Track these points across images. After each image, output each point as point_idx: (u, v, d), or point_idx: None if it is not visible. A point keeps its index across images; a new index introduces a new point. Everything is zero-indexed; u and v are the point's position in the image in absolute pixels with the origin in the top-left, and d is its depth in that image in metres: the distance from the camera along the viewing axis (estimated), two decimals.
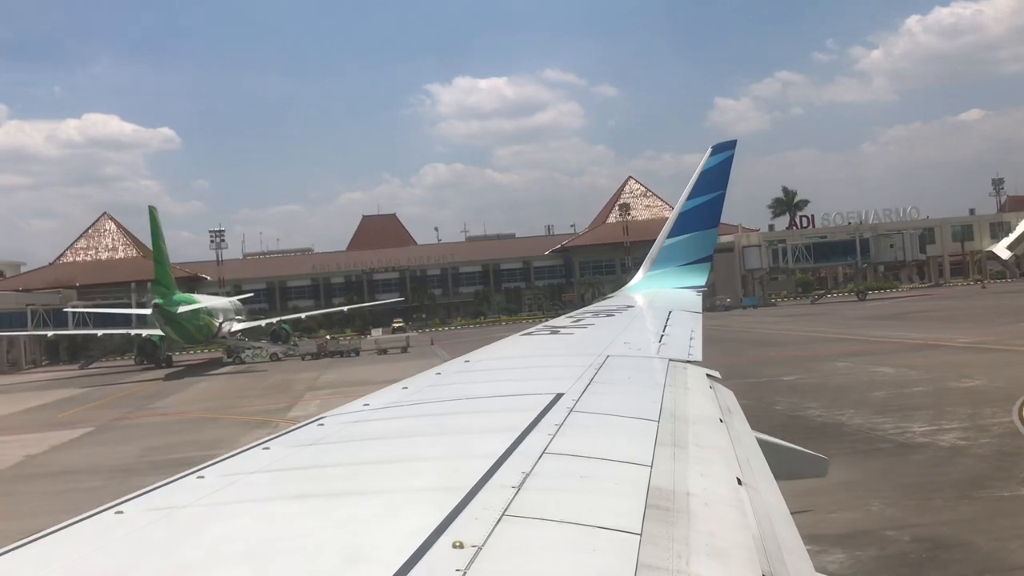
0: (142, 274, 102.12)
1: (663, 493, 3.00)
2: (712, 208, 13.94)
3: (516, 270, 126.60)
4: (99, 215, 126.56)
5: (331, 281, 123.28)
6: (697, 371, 6.30)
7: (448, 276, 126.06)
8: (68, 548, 2.66)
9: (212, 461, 3.64)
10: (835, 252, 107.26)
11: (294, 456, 3.82)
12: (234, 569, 2.41)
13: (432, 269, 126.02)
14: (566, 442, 3.62)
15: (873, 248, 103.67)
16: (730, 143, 14.12)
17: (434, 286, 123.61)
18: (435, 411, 4.93)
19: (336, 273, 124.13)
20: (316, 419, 4.60)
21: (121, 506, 2.99)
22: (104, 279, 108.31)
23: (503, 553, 2.35)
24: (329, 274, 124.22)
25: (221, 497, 3.12)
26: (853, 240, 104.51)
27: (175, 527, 2.83)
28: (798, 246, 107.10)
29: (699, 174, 13.88)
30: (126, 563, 2.52)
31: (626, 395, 5.24)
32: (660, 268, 14.18)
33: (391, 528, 2.62)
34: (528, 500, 2.79)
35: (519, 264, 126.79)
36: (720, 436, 4.23)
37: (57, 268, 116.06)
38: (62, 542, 2.69)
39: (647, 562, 2.36)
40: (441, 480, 3.14)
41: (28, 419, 43.10)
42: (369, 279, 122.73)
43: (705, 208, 13.85)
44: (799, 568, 2.77)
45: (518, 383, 5.85)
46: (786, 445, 5.54)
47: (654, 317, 10.99)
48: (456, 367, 6.92)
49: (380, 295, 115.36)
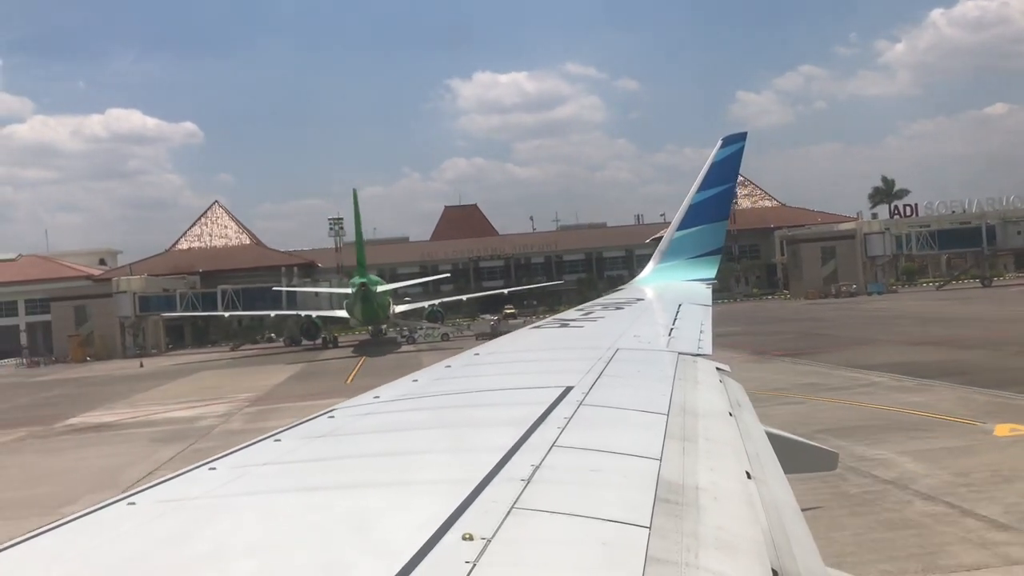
0: (260, 261, 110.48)
1: (672, 487, 3.00)
2: (722, 200, 13.90)
3: (618, 258, 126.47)
4: (211, 203, 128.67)
5: (439, 268, 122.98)
6: (707, 364, 6.29)
7: (552, 264, 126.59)
8: (80, 539, 2.69)
9: (223, 453, 3.66)
10: (961, 239, 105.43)
11: (305, 448, 3.83)
12: (245, 561, 2.42)
13: (536, 257, 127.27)
14: (575, 435, 3.63)
15: (1000, 235, 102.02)
16: (740, 135, 14.05)
17: (537, 273, 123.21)
18: (445, 404, 4.94)
19: (444, 260, 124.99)
20: (327, 411, 4.62)
21: (133, 497, 3.01)
22: (221, 266, 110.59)
23: (512, 545, 2.35)
24: (437, 261, 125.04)
25: (232, 489, 3.13)
26: (979, 227, 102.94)
27: (186, 519, 2.85)
28: (922, 233, 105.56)
29: (709, 166, 13.83)
30: (138, 554, 2.54)
31: (635, 388, 5.24)
32: (670, 261, 14.14)
33: (401, 520, 2.63)
34: (537, 493, 2.79)
35: (621, 252, 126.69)
36: (729, 430, 4.22)
37: (174, 255, 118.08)
38: (75, 533, 2.71)
39: (656, 555, 2.36)
40: (451, 473, 3.15)
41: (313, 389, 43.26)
42: (475, 266, 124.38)
43: (715, 200, 13.80)
44: (808, 562, 2.77)
45: (527, 376, 5.86)
46: (796, 439, 5.53)
47: (664, 310, 10.98)
48: (466, 360, 6.92)
49: (485, 282, 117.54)
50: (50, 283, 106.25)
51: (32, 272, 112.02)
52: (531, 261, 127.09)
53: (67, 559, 2.53)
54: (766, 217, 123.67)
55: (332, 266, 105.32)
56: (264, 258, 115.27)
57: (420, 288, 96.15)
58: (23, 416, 42.68)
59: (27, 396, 56.08)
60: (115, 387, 55.13)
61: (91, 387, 58.39)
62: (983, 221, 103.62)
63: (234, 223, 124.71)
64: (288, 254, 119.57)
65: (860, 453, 19.22)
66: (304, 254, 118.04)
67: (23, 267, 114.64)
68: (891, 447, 19.69)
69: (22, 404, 50.94)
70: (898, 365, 33.31)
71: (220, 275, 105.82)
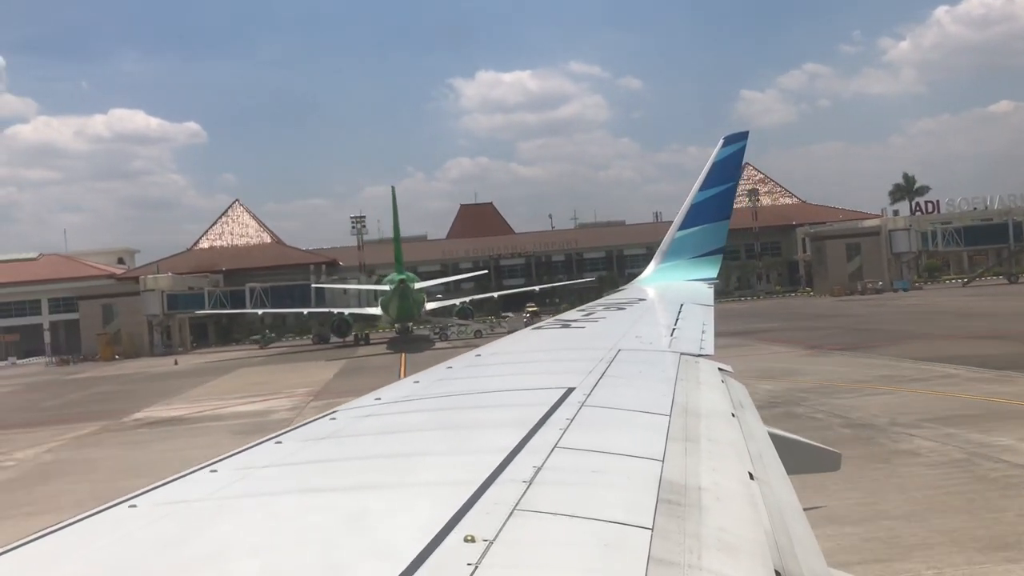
0: (282, 259, 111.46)
1: (674, 488, 2.99)
2: (724, 200, 13.88)
3: (639, 256, 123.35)
4: (231, 202, 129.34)
5: (460, 266, 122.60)
6: (709, 365, 6.28)
7: (572, 262, 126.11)
8: (82, 542, 2.68)
9: (225, 455, 3.66)
10: (987, 235, 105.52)
11: (307, 450, 3.83)
12: (247, 563, 2.42)
13: (556, 255, 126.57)
14: (577, 436, 3.62)
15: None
16: (742, 134, 14.04)
17: (558, 271, 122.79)
18: (446, 405, 4.93)
19: (464, 258, 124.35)
20: (328, 413, 4.61)
21: (134, 500, 3.01)
22: (243, 264, 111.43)
23: (514, 547, 2.35)
24: (457, 259, 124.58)
25: (234, 491, 3.13)
26: (1005, 223, 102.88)
27: (188, 521, 2.84)
28: (948, 229, 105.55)
29: (711, 165, 13.81)
30: (139, 557, 2.53)
31: (637, 389, 5.23)
32: (671, 260, 14.12)
33: (403, 522, 2.62)
34: (540, 494, 2.79)
35: (642, 250, 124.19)
36: (732, 431, 4.21)
37: (196, 254, 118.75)
38: (76, 535, 2.71)
39: (659, 556, 2.35)
40: (452, 474, 3.14)
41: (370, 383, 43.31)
42: (496, 264, 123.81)
43: (717, 200, 13.79)
44: (811, 563, 2.77)
45: (529, 377, 5.85)
46: (798, 439, 5.52)
47: (666, 310, 10.96)
48: (467, 361, 6.91)
49: (506, 280, 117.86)
50: (73, 282, 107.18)
51: (55, 271, 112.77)
52: (551, 259, 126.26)
53: (68, 562, 2.53)
54: (787, 214, 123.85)
55: (353, 264, 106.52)
56: (285, 256, 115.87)
57: (442, 287, 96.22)
58: (85, 411, 42.90)
59: (75, 392, 56.25)
60: (157, 384, 55.48)
61: (134, 384, 58.82)
62: (1009, 218, 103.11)
63: (255, 221, 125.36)
64: (309, 252, 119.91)
65: (979, 440, 19.49)
66: (325, 252, 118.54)
67: (43, 266, 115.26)
68: (1007, 434, 19.87)
69: (75, 400, 51.19)
70: (964, 358, 33.48)
71: (242, 273, 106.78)
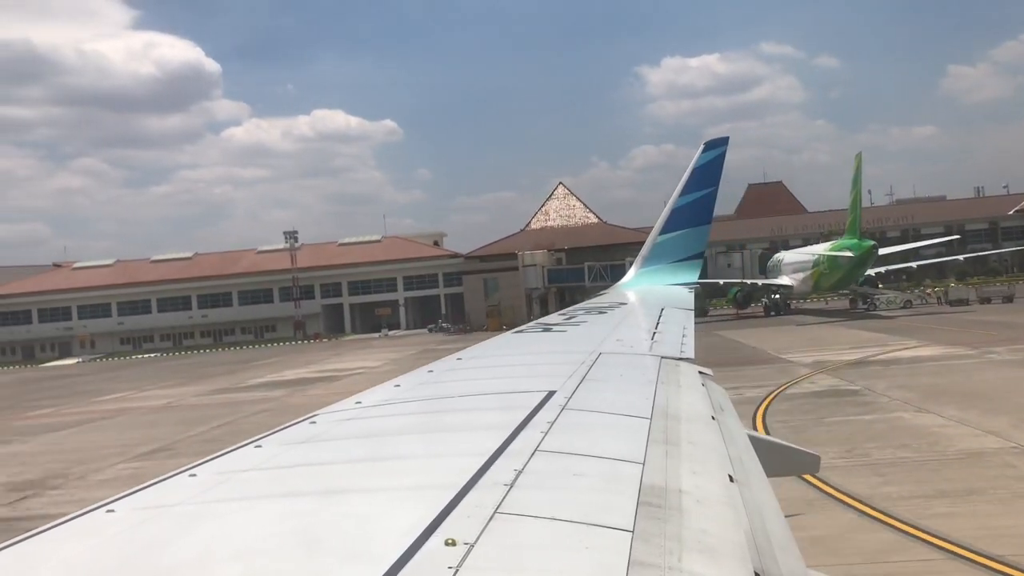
0: (611, 238, 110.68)
1: (655, 490, 3.00)
2: (704, 205, 13.96)
3: (981, 231, 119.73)
4: (555, 184, 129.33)
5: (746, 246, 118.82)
6: (690, 368, 6.31)
7: (909, 236, 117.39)
8: (58, 547, 2.65)
9: (204, 459, 3.63)
10: None
11: (286, 454, 3.81)
12: (226, 568, 2.40)
13: (892, 231, 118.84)
14: (558, 440, 3.62)
15: None
16: (722, 139, 14.14)
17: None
18: (427, 409, 4.92)
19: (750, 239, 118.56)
20: (308, 417, 4.59)
21: (112, 505, 2.98)
22: (577, 243, 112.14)
23: (495, 550, 2.35)
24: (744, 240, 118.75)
25: (213, 495, 3.11)
26: None
27: (166, 526, 2.82)
28: None
29: (691, 171, 13.89)
30: (116, 563, 2.51)
31: (618, 393, 5.24)
32: (652, 265, 14.19)
33: (383, 526, 2.61)
34: (520, 498, 2.78)
35: (984, 225, 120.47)
36: (712, 434, 4.23)
37: (530, 234, 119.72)
38: (52, 541, 2.67)
39: (639, 559, 2.36)
40: (433, 478, 3.13)
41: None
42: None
43: (697, 205, 13.87)
44: (790, 565, 2.78)
45: (510, 380, 5.85)
46: (778, 442, 5.56)
47: (647, 314, 11.00)
48: (448, 365, 6.91)
49: None
50: (422, 261, 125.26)
51: (401, 251, 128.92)
52: (886, 235, 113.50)
53: (44, 569, 2.49)
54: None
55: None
56: (614, 235, 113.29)
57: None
58: None
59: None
60: None
61: None
62: None
63: (579, 203, 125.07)
64: (636, 231, 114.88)
65: None
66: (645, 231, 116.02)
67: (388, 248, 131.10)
68: None
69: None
70: None
71: (578, 252, 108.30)
